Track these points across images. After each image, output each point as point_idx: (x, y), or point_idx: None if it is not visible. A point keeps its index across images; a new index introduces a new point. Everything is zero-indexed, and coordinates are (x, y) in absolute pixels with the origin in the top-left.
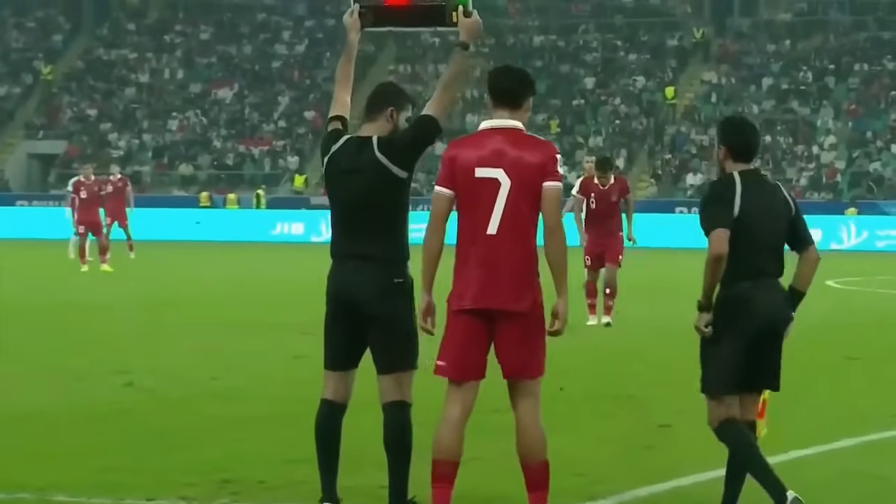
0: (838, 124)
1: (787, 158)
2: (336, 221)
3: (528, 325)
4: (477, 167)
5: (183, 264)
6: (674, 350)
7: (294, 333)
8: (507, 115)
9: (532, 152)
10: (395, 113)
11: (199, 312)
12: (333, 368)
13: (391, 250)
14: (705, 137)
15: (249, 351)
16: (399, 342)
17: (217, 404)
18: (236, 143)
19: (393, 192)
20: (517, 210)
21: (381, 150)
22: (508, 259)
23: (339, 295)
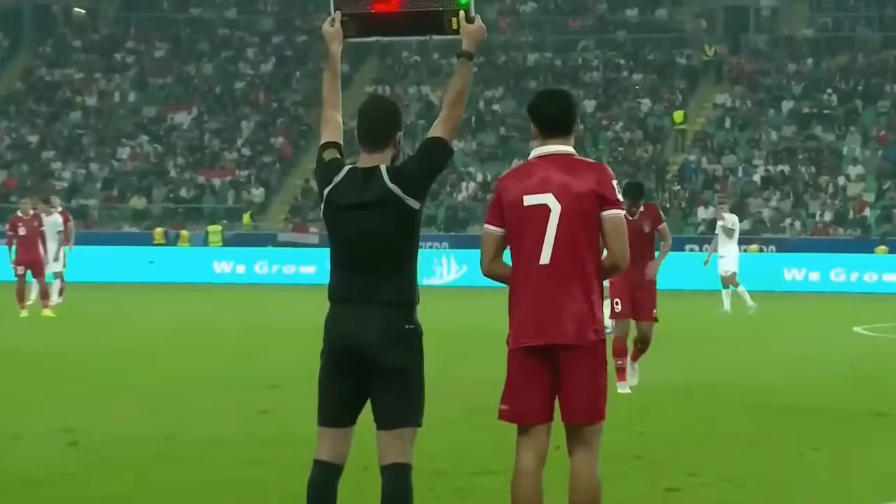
0: (867, 152)
1: (809, 190)
2: (337, 261)
3: (593, 361)
4: (525, 195)
5: (135, 309)
6: (684, 408)
7: (258, 387)
8: (557, 143)
9: (584, 176)
10: (399, 136)
11: (153, 363)
12: (330, 425)
13: (401, 293)
14: (718, 167)
15: (208, 407)
16: (407, 396)
17: (172, 468)
18: (195, 174)
19: (405, 226)
20: (571, 237)
21: (393, 181)
22: (565, 289)
23: (342, 343)
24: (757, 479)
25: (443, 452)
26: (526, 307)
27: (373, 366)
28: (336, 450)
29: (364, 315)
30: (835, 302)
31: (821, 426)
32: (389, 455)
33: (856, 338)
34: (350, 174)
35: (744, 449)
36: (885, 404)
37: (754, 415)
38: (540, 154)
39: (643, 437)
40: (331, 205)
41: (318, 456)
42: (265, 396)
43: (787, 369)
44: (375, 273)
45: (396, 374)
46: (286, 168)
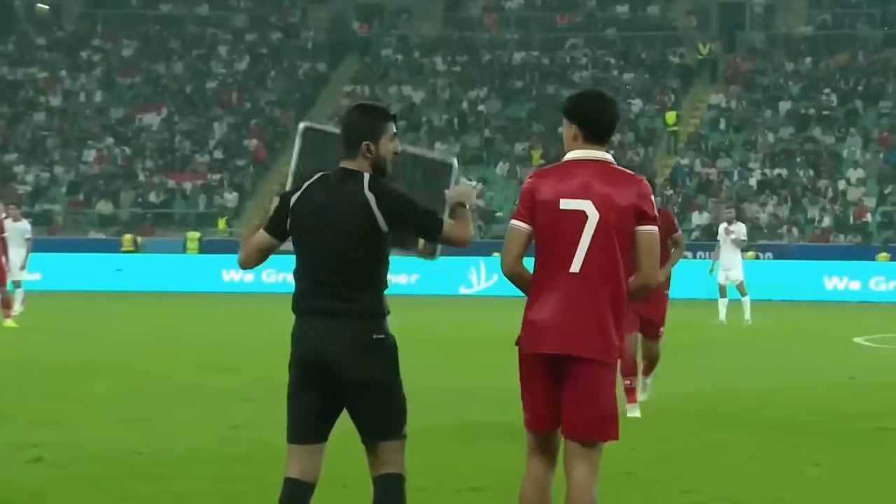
0: (867, 155)
1: (807, 195)
2: (301, 270)
3: (607, 377)
4: (562, 198)
5: (102, 318)
6: (677, 421)
7: (232, 400)
8: (596, 148)
9: (625, 188)
10: (371, 146)
11: (121, 375)
12: (299, 442)
13: (369, 303)
14: (713, 170)
15: (180, 421)
16: (382, 409)
17: (142, 484)
18: (164, 177)
19: (374, 237)
20: (605, 247)
21: (373, 190)
22: (593, 301)
23: (308, 356)
24: (755, 497)
25: (427, 468)
26: (549, 313)
27: (341, 379)
28: (306, 468)
29: (328, 326)
30: (834, 311)
31: (821, 441)
32: (379, 467)
33: (856, 349)
34: (318, 181)
35: (741, 465)
36: (888, 418)
37: (751, 429)
38: (579, 157)
39: (635, 452)
40: (296, 213)
41: (287, 474)
42: (239, 410)
43: (786, 382)
44: (339, 283)
45: (367, 387)
46: (260, 171)
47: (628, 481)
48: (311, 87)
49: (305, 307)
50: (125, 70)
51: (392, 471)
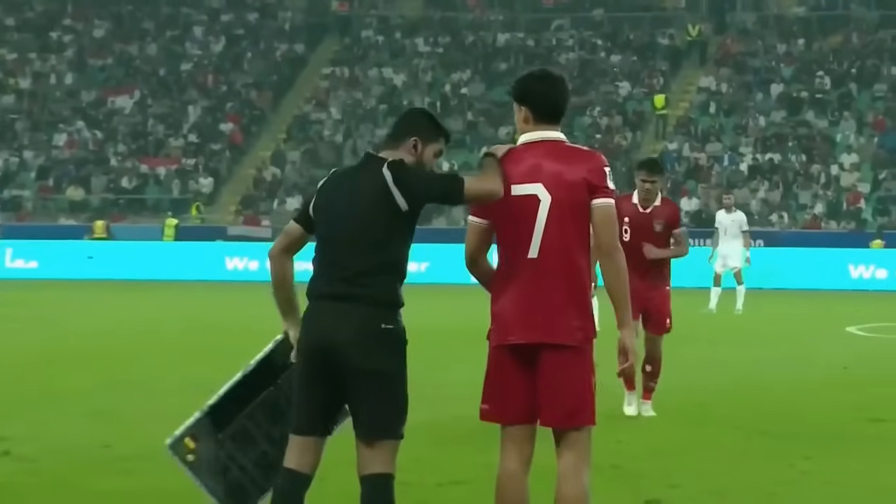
0: (861, 140)
1: (799, 180)
2: (318, 254)
3: (579, 362)
4: (514, 184)
5: (71, 308)
6: (665, 414)
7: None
8: (548, 129)
9: (576, 164)
10: (419, 144)
11: (90, 367)
12: (301, 433)
13: (382, 290)
14: (703, 155)
15: (149, 413)
16: (384, 403)
17: (111, 478)
18: (137, 162)
19: (394, 221)
20: (561, 229)
21: (391, 168)
22: (554, 285)
23: (315, 342)
24: (744, 491)
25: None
26: (511, 302)
27: (346, 368)
28: (306, 460)
29: (338, 312)
30: (827, 300)
31: (812, 434)
32: (369, 465)
33: (849, 339)
34: (346, 168)
35: (729, 458)
36: (882, 410)
37: (740, 422)
38: (531, 140)
39: (621, 445)
40: (319, 199)
41: (286, 464)
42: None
43: (776, 373)
44: (355, 267)
45: (371, 378)
46: (236, 156)
47: (614, 475)
48: (288, 69)
49: (317, 292)
50: (97, 51)
51: (382, 470)
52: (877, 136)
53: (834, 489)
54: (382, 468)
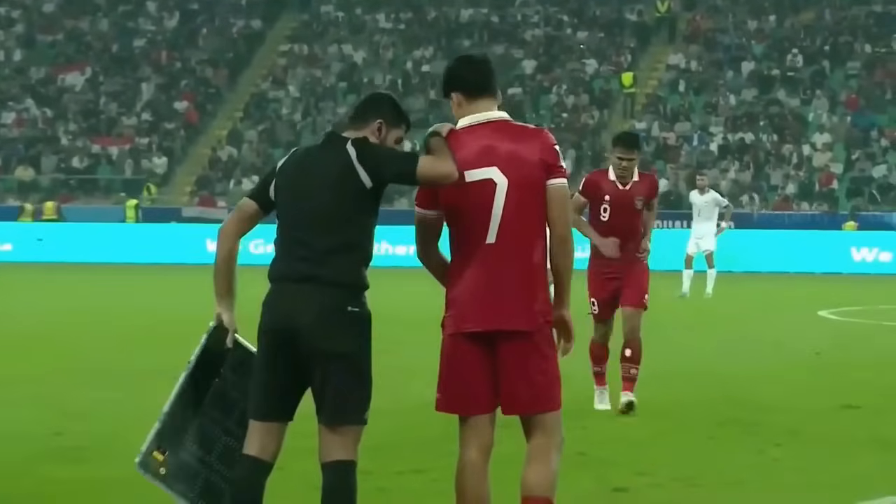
0: (834, 119)
1: (771, 161)
2: (281, 236)
3: (539, 346)
4: (466, 171)
5: (20, 292)
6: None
7: (159, 379)
8: (488, 108)
9: (528, 144)
10: (384, 128)
11: (40, 353)
12: (262, 418)
13: (346, 272)
14: (671, 135)
15: (101, 400)
16: (347, 388)
17: (62, 467)
18: (88, 141)
19: (357, 200)
20: (519, 212)
21: (355, 145)
22: (513, 270)
23: (277, 325)
24: (713, 479)
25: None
26: (469, 289)
27: (308, 351)
28: (267, 446)
29: (301, 294)
30: (799, 283)
31: (783, 420)
32: (331, 452)
33: (822, 323)
34: (305, 148)
35: (698, 445)
36: (854, 396)
37: (710, 408)
38: (471, 123)
39: (587, 431)
40: (280, 178)
41: (247, 451)
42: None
43: (747, 358)
44: (318, 248)
45: (336, 363)
46: (191, 135)
47: (579, 462)
48: (245, 46)
49: (280, 274)
50: (47, 27)
51: (345, 457)
52: (850, 115)
53: (805, 477)
54: (345, 455)
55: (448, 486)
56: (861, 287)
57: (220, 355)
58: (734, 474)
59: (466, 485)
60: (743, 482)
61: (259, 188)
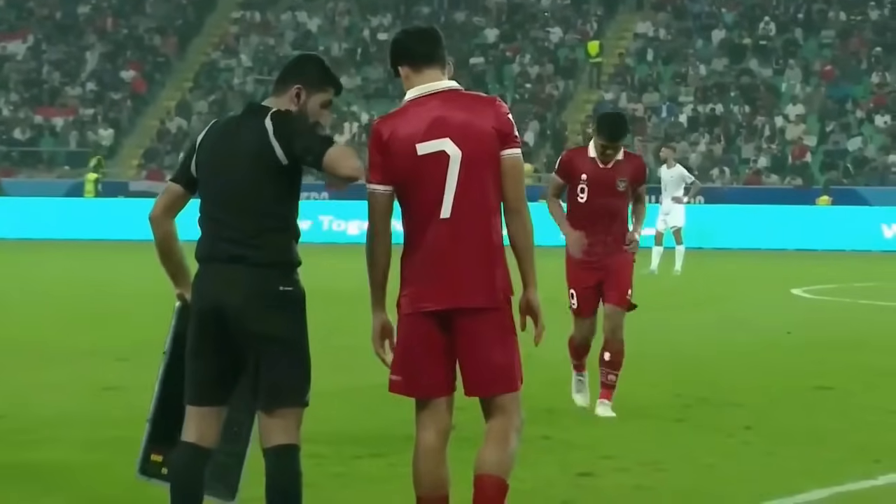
0: (808, 89)
1: (742, 133)
2: (205, 214)
3: (499, 324)
4: (418, 143)
5: None
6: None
7: (105, 359)
8: (437, 77)
9: (481, 113)
10: (302, 93)
11: None
12: (198, 403)
13: (275, 250)
14: (639, 106)
15: (45, 383)
16: (285, 370)
17: (6, 451)
18: (31, 112)
19: (277, 175)
20: (474, 185)
21: (273, 118)
22: (469, 245)
23: (207, 307)
24: (680, 463)
25: (320, 434)
26: (425, 267)
27: (242, 334)
28: (206, 432)
29: (230, 275)
30: (771, 260)
31: (754, 402)
32: (273, 436)
33: (794, 301)
34: (224, 120)
35: (665, 428)
36: (827, 377)
37: (678, 389)
38: (421, 93)
39: (551, 414)
40: (201, 154)
41: (183, 437)
42: (111, 370)
43: (716, 337)
44: (243, 227)
45: (270, 344)
46: (139, 106)
47: (544, 446)
48: (194, 13)
49: (207, 254)
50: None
51: (287, 441)
52: (824, 86)
53: (775, 460)
54: (287, 439)
55: (407, 471)
56: (835, 264)
57: None
58: (702, 458)
59: (424, 469)
60: (711, 467)
61: (181, 168)
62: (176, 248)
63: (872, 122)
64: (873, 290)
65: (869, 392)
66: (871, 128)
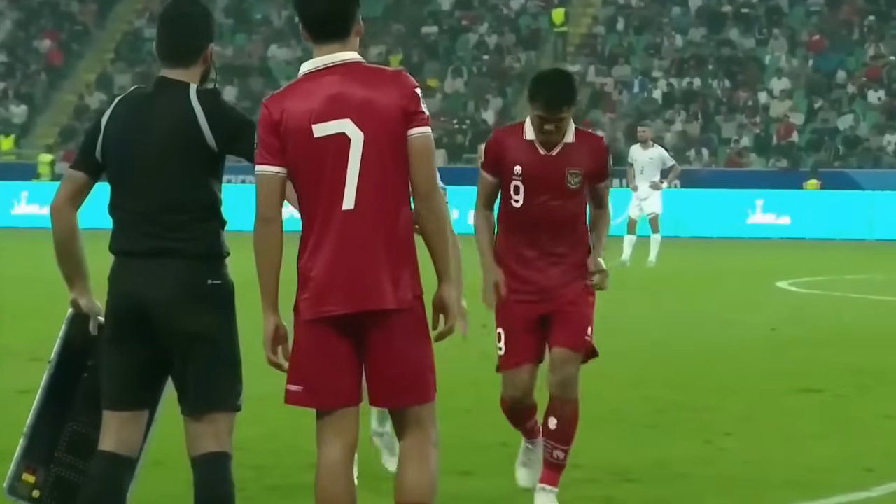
0: (794, 62)
1: (722, 110)
2: (118, 204)
3: (409, 327)
4: (314, 124)
5: None
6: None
7: (18, 359)
8: (336, 49)
9: (386, 89)
10: (212, 51)
11: None
12: (117, 408)
13: (201, 241)
14: (609, 80)
15: None
16: (215, 370)
17: None
18: None
19: (205, 161)
20: (379, 171)
21: (202, 101)
22: (375, 240)
23: (124, 304)
24: (652, 471)
25: (262, 441)
26: (326, 265)
27: (165, 331)
28: (126, 439)
29: (151, 269)
30: (754, 250)
31: (733, 405)
32: (201, 444)
33: (779, 295)
34: (136, 92)
35: (637, 434)
36: (814, 378)
37: (651, 391)
38: (318, 66)
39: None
40: (108, 137)
41: (101, 446)
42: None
43: (693, 334)
44: (164, 217)
45: (198, 342)
46: (54, 79)
47: (504, 454)
48: None
49: (124, 247)
50: None
51: (216, 449)
52: (812, 58)
53: (756, 470)
54: (217, 446)
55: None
56: (825, 254)
57: (85, 346)
58: (676, 467)
59: (328, 489)
60: (686, 476)
61: (83, 153)
62: (77, 245)
63: (865, 98)
64: (866, 283)
65: (860, 395)
66: (864, 104)
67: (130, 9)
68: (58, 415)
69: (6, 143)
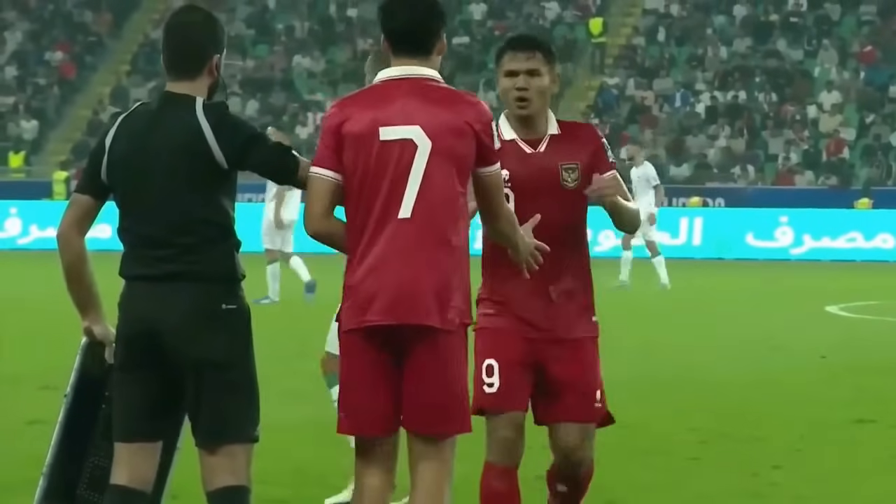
0: (845, 74)
1: (769, 125)
2: (127, 226)
3: (453, 351)
4: (382, 127)
5: None
6: None
7: (28, 388)
8: (416, 64)
9: (461, 108)
10: (219, 62)
11: None
12: (128, 439)
13: (214, 264)
14: (649, 93)
15: None
16: (230, 399)
17: None
18: None
19: (215, 179)
20: (442, 183)
21: (208, 115)
22: (430, 253)
23: (137, 328)
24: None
25: (283, 473)
26: (373, 274)
27: (178, 358)
28: (138, 472)
29: (163, 293)
30: (802, 273)
31: (782, 437)
32: (217, 478)
33: (829, 320)
34: (140, 108)
35: (680, 467)
36: (866, 407)
37: (696, 422)
38: (393, 76)
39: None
40: (113, 155)
41: (113, 479)
42: (35, 400)
43: (739, 362)
44: (175, 238)
45: (211, 370)
46: (67, 93)
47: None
48: None
49: (134, 272)
50: None
51: (233, 483)
52: (863, 71)
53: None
54: (234, 480)
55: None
56: (876, 277)
57: (102, 376)
58: (723, 501)
59: None
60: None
61: (88, 175)
62: (87, 271)
63: None
64: None
65: None
66: None
67: (147, 18)
68: (77, 450)
69: (16, 161)
